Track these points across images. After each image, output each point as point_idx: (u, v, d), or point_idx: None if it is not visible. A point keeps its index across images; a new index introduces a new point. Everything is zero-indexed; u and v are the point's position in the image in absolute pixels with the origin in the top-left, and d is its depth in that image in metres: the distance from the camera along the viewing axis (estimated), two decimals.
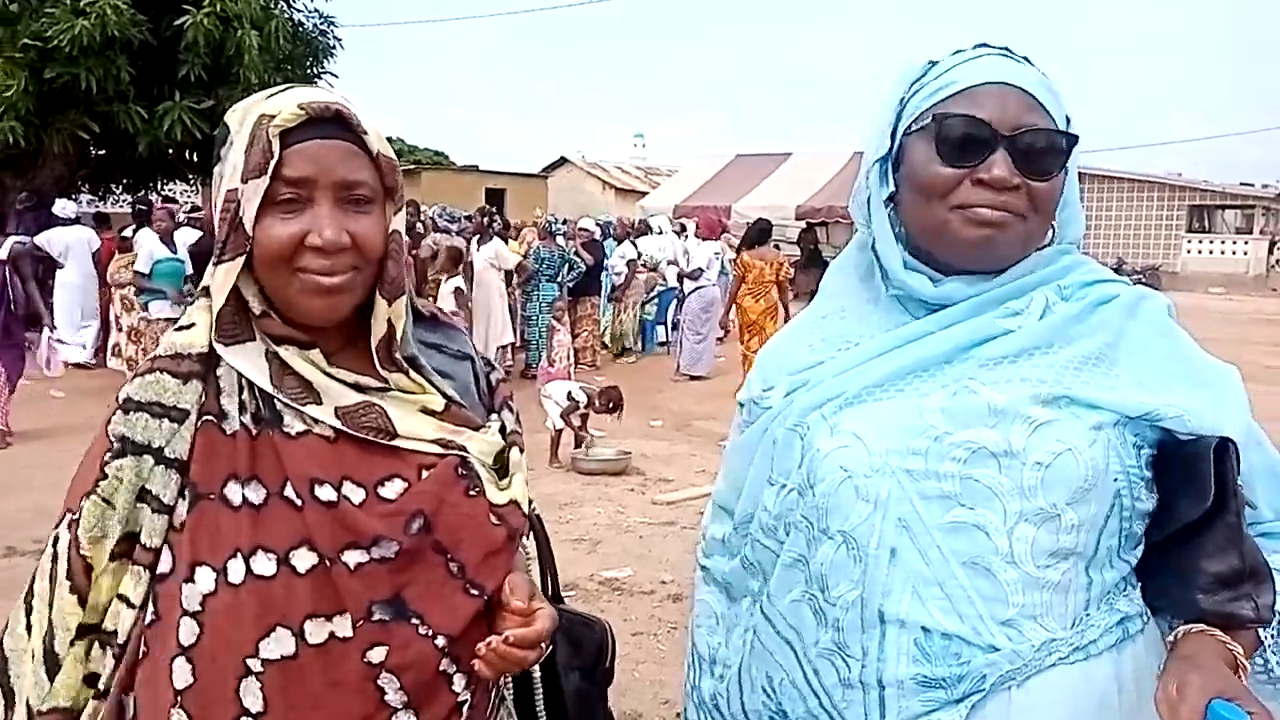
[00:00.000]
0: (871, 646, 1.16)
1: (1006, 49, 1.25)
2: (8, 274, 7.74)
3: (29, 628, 1.20)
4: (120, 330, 10.05)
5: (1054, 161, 1.20)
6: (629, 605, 4.82)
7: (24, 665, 1.19)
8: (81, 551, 1.17)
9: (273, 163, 1.13)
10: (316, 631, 1.15)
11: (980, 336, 1.20)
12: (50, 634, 1.18)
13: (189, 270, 9.04)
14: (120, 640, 1.18)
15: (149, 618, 1.17)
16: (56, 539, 1.20)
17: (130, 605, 1.17)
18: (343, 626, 1.15)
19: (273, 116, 1.14)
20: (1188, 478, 1.15)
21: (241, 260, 1.15)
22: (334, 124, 1.16)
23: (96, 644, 1.19)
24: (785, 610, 1.25)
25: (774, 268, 10.33)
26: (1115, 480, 1.15)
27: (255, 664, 1.14)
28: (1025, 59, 1.24)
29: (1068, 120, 1.23)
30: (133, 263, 9.30)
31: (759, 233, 10.75)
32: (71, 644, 1.18)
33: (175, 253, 9.24)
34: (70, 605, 1.18)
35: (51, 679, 1.18)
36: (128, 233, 10.08)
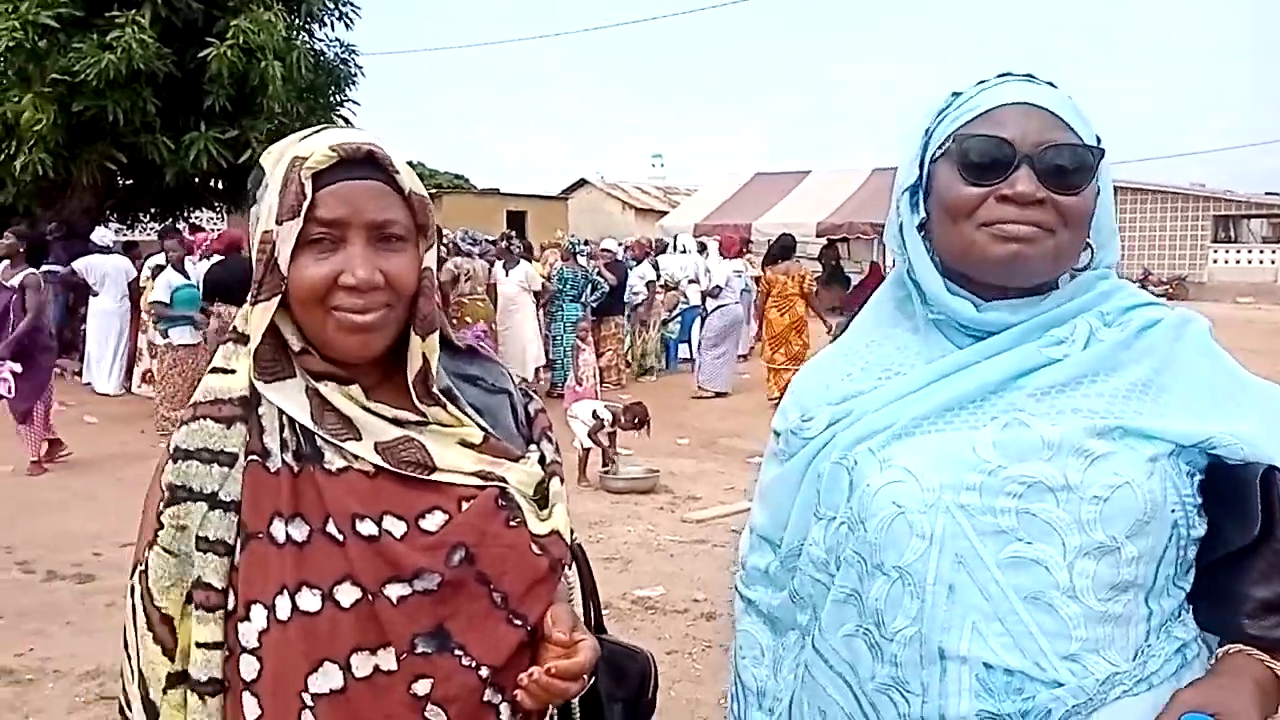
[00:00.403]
0: (932, 682, 1.14)
1: (1030, 75, 1.25)
2: (13, 303, 7.43)
3: (132, 674, 1.22)
4: (154, 357, 10.15)
5: (1081, 176, 1.18)
6: (662, 624, 4.81)
7: (132, 711, 1.22)
8: (156, 604, 1.18)
9: (305, 204, 1.14)
10: (362, 665, 1.15)
11: (1028, 366, 1.19)
12: (144, 683, 1.20)
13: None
14: (222, 680, 1.19)
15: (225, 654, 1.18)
16: (133, 589, 1.21)
17: (215, 648, 1.18)
18: (387, 660, 1.16)
19: (305, 159, 1.15)
20: (1234, 503, 1.14)
21: (276, 300, 1.16)
22: (366, 164, 1.17)
23: (191, 692, 1.19)
24: (838, 645, 1.24)
25: (796, 280, 10.42)
26: (1173, 511, 1.14)
27: (308, 698, 1.15)
28: (1049, 83, 1.24)
29: (1098, 139, 1.22)
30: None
31: (782, 249, 10.84)
32: (165, 692, 1.19)
33: (189, 279, 9.33)
34: (156, 656, 1.19)
35: None
36: (160, 260, 10.16)
